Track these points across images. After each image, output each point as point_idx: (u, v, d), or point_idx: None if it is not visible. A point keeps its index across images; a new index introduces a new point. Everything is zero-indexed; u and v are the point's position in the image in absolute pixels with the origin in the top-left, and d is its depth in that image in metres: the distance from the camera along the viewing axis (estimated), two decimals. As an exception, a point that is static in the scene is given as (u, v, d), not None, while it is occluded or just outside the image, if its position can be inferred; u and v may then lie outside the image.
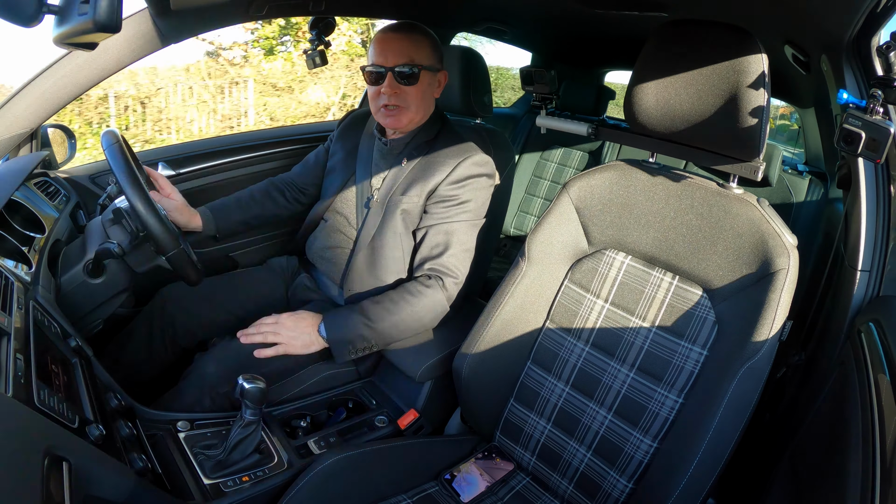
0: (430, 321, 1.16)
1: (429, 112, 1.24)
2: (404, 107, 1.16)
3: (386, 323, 1.10)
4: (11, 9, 0.60)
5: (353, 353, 1.10)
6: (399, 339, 1.15)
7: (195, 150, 1.62)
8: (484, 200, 1.22)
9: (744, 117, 0.82)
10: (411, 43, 1.15)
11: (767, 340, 0.79)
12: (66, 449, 0.52)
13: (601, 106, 2.35)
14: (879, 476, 0.58)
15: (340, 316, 1.11)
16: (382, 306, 1.11)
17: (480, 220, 1.22)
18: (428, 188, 1.18)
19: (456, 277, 1.16)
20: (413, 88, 1.15)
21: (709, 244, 0.89)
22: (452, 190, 1.17)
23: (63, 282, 0.97)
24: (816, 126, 1.94)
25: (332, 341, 1.09)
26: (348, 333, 1.09)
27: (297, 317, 1.12)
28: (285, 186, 1.42)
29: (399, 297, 1.12)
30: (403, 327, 1.13)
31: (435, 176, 1.17)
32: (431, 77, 1.19)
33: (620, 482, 0.93)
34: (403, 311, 1.11)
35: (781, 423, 1.11)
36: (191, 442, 0.92)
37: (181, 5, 0.92)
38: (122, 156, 0.94)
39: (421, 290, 1.13)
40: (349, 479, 0.90)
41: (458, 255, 1.17)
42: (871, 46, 0.92)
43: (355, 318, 1.10)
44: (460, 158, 1.17)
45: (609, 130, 1.10)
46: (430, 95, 1.21)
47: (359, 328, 1.09)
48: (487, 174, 1.20)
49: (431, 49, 1.18)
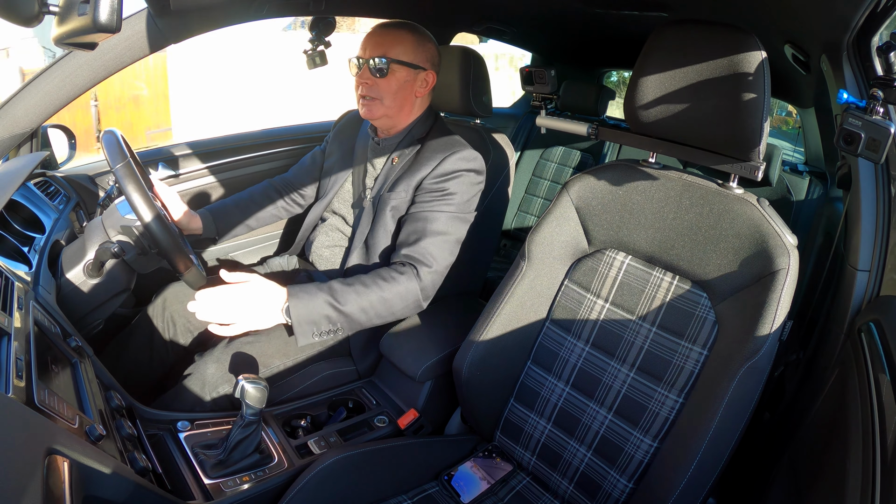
0: (400, 310, 1.11)
1: (410, 109, 1.23)
2: (377, 98, 1.17)
3: (354, 307, 1.05)
4: (11, 9, 0.60)
5: (316, 335, 1.03)
6: (367, 325, 1.09)
7: (195, 150, 1.63)
8: (471, 195, 1.19)
9: (744, 117, 0.82)
10: (391, 38, 1.16)
11: (767, 340, 0.79)
12: (66, 449, 0.52)
13: (601, 106, 2.34)
14: (879, 476, 0.57)
15: (306, 294, 1.03)
16: (352, 288, 1.06)
17: (466, 214, 1.19)
18: (414, 183, 1.18)
19: (430, 266, 1.12)
20: (384, 81, 1.16)
21: (709, 244, 0.89)
22: (437, 183, 1.16)
23: (63, 282, 0.97)
24: (816, 126, 1.94)
25: (296, 321, 1.01)
26: (313, 314, 1.02)
27: (262, 292, 1.01)
28: (283, 188, 1.42)
29: (371, 281, 1.08)
30: (372, 313, 1.07)
31: (421, 171, 1.17)
32: (409, 73, 1.18)
33: (621, 482, 0.93)
34: (373, 295, 1.06)
35: (781, 422, 1.11)
36: (191, 442, 0.92)
37: (181, 5, 0.92)
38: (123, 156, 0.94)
39: (394, 276, 1.09)
40: (349, 479, 0.90)
41: (435, 244, 1.13)
42: (871, 46, 0.92)
43: (321, 299, 1.03)
44: (447, 153, 1.17)
45: (609, 130, 1.10)
46: (407, 92, 1.20)
47: (325, 309, 1.03)
48: (475, 170, 1.19)
49: (414, 46, 1.18)
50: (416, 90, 1.21)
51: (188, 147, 1.62)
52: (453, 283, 1.35)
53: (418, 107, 1.25)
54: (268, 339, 1.14)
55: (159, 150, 1.58)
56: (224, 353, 1.08)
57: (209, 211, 1.32)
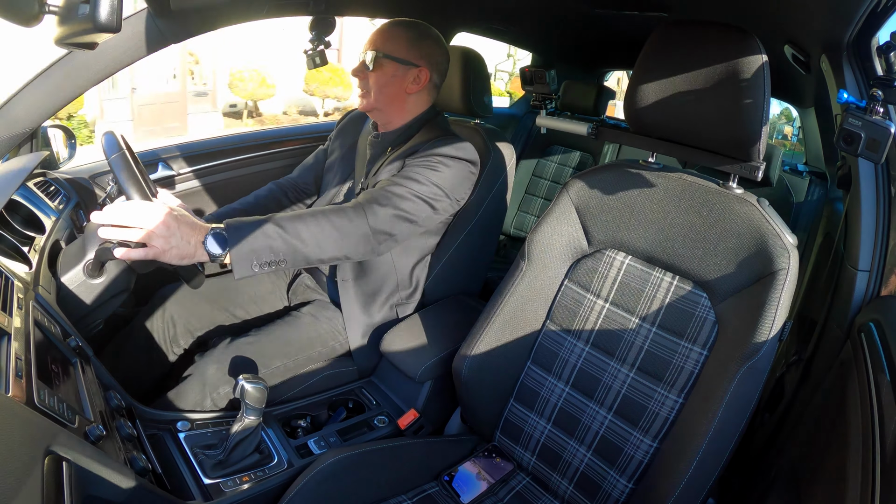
0: (350, 246, 1.02)
1: (402, 104, 1.23)
2: (367, 91, 1.20)
3: (298, 235, 0.95)
4: (11, 9, 0.60)
5: (256, 266, 0.91)
6: (314, 261, 0.99)
7: (195, 150, 1.63)
8: (459, 179, 1.17)
9: (744, 117, 0.82)
10: (385, 34, 1.18)
11: (767, 340, 0.79)
12: (66, 449, 0.52)
13: (601, 106, 2.34)
14: (879, 476, 0.57)
15: (247, 222, 0.93)
16: (298, 217, 0.97)
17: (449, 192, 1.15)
18: (400, 165, 1.18)
19: (384, 206, 1.05)
20: (372, 75, 1.18)
21: (709, 244, 0.89)
22: (422, 159, 1.14)
23: (63, 282, 0.97)
24: (816, 126, 1.94)
25: (235, 250, 0.89)
26: (254, 242, 0.90)
27: (179, 220, 0.87)
28: (289, 188, 1.42)
29: (318, 211, 1.01)
30: (322, 238, 0.98)
31: (408, 154, 1.18)
32: (398, 69, 1.18)
33: (620, 482, 0.93)
34: (319, 222, 0.98)
35: (781, 422, 1.11)
36: (190, 442, 0.92)
37: (181, 5, 0.92)
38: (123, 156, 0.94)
39: (346, 209, 1.03)
40: (349, 479, 0.90)
41: (400, 192, 1.08)
42: (871, 46, 0.92)
43: (264, 227, 0.93)
44: (436, 141, 1.18)
45: (609, 130, 1.10)
46: (396, 87, 1.19)
47: (267, 237, 0.92)
48: (467, 159, 1.18)
49: (408, 43, 1.18)
50: (406, 86, 1.20)
51: (188, 147, 1.62)
52: (453, 283, 1.36)
53: (414, 104, 1.24)
54: (268, 339, 1.14)
55: (159, 150, 1.58)
56: (224, 353, 1.08)
57: (215, 217, 1.31)
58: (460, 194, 1.20)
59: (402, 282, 1.27)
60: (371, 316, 1.24)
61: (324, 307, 1.25)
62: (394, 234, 1.09)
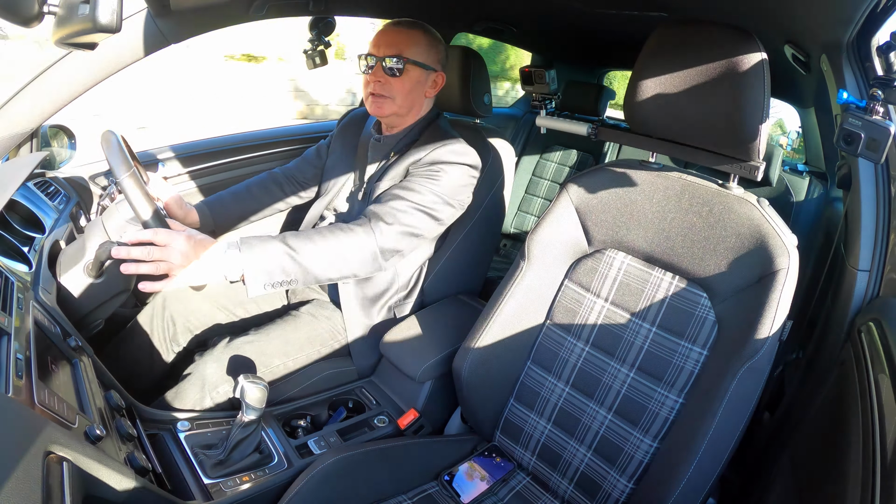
0: (357, 264, 1.05)
1: (419, 109, 1.24)
2: (389, 97, 1.18)
3: (309, 256, 0.98)
4: (11, 9, 0.60)
5: (269, 286, 0.95)
6: (323, 279, 1.02)
7: (195, 150, 1.63)
8: (461, 184, 1.18)
9: (744, 117, 0.82)
10: (405, 37, 1.16)
11: (767, 340, 0.79)
12: (65, 449, 0.52)
13: (601, 106, 2.35)
14: (879, 476, 0.58)
15: (259, 241, 0.96)
16: (308, 238, 1.00)
17: (452, 200, 1.17)
18: (402, 169, 1.18)
19: (390, 223, 1.08)
20: (398, 81, 1.17)
21: (709, 244, 0.89)
22: (424, 170, 1.15)
23: (63, 282, 0.97)
24: (816, 126, 1.94)
25: (249, 270, 0.93)
26: (267, 262, 0.94)
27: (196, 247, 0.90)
28: (285, 180, 1.41)
29: (327, 231, 1.03)
30: (327, 264, 1.01)
31: (411, 158, 1.18)
32: (422, 74, 1.19)
33: (621, 482, 0.93)
34: (328, 242, 1.01)
35: (781, 422, 1.11)
36: (190, 442, 0.92)
37: (181, 5, 0.92)
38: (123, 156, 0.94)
39: (352, 227, 1.06)
40: (349, 479, 0.90)
41: (403, 207, 1.10)
42: (871, 46, 0.92)
43: (276, 247, 0.96)
44: (439, 145, 1.17)
45: (609, 130, 1.10)
46: (418, 92, 1.21)
47: (279, 258, 0.95)
48: (468, 164, 1.18)
49: (427, 47, 1.19)
50: (426, 90, 1.22)
51: (188, 147, 1.62)
52: (453, 282, 1.36)
53: (425, 106, 1.26)
54: (268, 339, 1.14)
55: (159, 151, 1.58)
56: (224, 353, 1.08)
57: (205, 203, 1.31)
58: (463, 199, 1.21)
59: (403, 282, 1.27)
60: (371, 316, 1.24)
61: (323, 306, 1.26)
62: (400, 250, 1.12)
